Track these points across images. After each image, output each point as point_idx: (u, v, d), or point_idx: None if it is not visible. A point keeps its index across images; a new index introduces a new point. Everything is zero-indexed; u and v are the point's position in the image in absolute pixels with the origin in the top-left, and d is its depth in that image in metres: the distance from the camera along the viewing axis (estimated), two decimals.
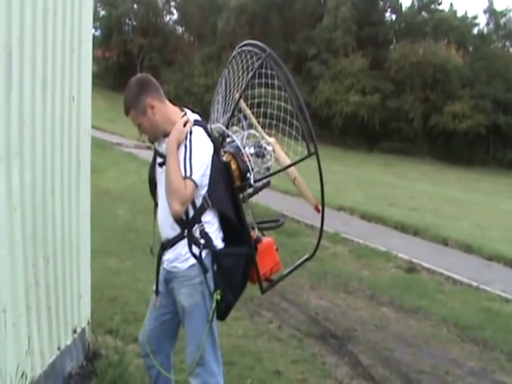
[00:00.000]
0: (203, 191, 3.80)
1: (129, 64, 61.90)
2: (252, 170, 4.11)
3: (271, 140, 4.36)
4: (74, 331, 5.00)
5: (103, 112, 39.96)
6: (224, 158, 4.06)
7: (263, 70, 4.32)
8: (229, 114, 4.45)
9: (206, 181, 3.78)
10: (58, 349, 4.60)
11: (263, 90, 4.39)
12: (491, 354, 7.38)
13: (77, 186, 5.03)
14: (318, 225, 4.38)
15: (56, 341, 4.56)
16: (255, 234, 4.20)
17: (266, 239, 4.26)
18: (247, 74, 4.46)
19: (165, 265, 4.01)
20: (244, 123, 4.37)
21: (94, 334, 5.52)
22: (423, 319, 8.34)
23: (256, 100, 4.50)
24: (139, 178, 17.12)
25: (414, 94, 58.70)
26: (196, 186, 3.69)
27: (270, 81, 4.33)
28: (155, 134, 3.91)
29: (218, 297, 3.83)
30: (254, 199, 4.53)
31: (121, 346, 5.72)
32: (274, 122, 4.37)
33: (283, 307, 8.10)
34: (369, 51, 61.37)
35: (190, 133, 3.79)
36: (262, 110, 4.45)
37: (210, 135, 3.91)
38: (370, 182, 27.79)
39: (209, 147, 3.83)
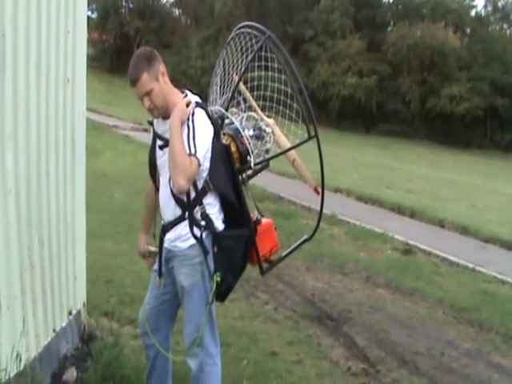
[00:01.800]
0: (205, 174, 3.80)
1: (125, 47, 61.51)
2: (252, 152, 4.12)
3: (270, 122, 4.36)
4: (70, 313, 5.01)
5: (100, 95, 39.86)
6: (223, 141, 4.06)
7: (262, 53, 4.31)
8: (228, 95, 4.44)
9: (207, 163, 3.77)
10: (54, 331, 4.61)
11: (263, 72, 4.38)
12: (487, 336, 7.41)
13: (72, 168, 5.02)
14: (315, 207, 4.42)
15: (51, 323, 4.57)
16: (254, 215, 4.21)
17: (265, 220, 4.27)
18: (246, 56, 4.44)
19: (166, 244, 4.01)
20: (243, 105, 4.35)
21: (89, 316, 5.54)
22: (419, 301, 8.37)
23: (256, 83, 4.49)
24: (135, 160, 17.13)
25: (412, 77, 58.55)
26: (199, 164, 3.68)
27: (269, 63, 4.31)
28: (162, 105, 3.81)
29: (218, 279, 3.84)
30: (250, 181, 4.53)
31: (116, 328, 5.75)
32: (274, 104, 4.35)
33: (279, 289, 8.13)
34: (366, 33, 61.13)
35: (192, 114, 3.77)
36: (261, 92, 4.44)
37: (210, 118, 3.90)
38: (367, 164, 27.76)
39: (210, 129, 3.82)
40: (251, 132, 4.17)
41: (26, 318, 4.01)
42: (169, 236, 3.96)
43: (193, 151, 3.65)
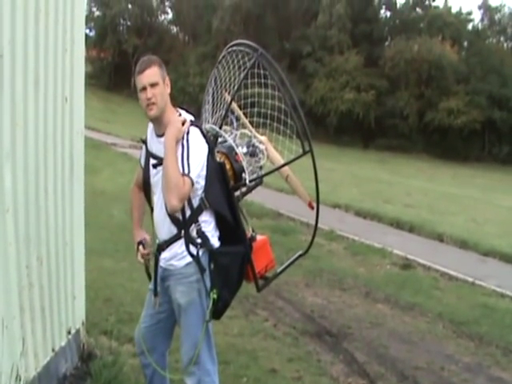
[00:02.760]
0: (200, 192, 3.81)
1: (123, 64, 61.71)
2: (246, 169, 4.13)
3: (263, 138, 4.37)
4: (69, 332, 4.99)
5: (98, 112, 39.94)
6: (218, 159, 4.07)
7: (255, 70, 4.32)
8: (222, 113, 4.46)
9: (201, 182, 3.79)
10: (53, 350, 4.59)
11: (256, 89, 4.39)
12: (487, 350, 7.39)
13: (70, 187, 5.02)
14: (314, 222, 4.37)
15: (50, 342, 4.55)
16: (249, 232, 4.22)
17: (260, 237, 4.29)
18: (238, 74, 4.46)
19: (161, 263, 4.01)
20: (235, 124, 4.37)
21: (88, 335, 5.51)
22: (419, 315, 8.36)
23: (249, 100, 4.50)
24: (134, 178, 17.12)
25: (409, 91, 58.76)
26: (193, 183, 3.69)
27: (262, 80, 4.33)
28: (160, 106, 3.82)
29: (215, 296, 3.84)
30: (248, 197, 4.53)
31: (115, 346, 5.72)
32: (268, 121, 4.37)
33: (278, 305, 8.11)
34: (364, 48, 61.38)
35: (187, 133, 3.79)
36: (255, 109, 4.45)
37: (205, 136, 3.91)
38: (365, 179, 27.82)
39: (205, 148, 3.84)
40: (245, 149, 4.20)
41: (25, 337, 4.00)
42: (164, 255, 3.97)
43: (186, 171, 3.66)
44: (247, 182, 4.13)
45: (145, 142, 4.06)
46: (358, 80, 59.56)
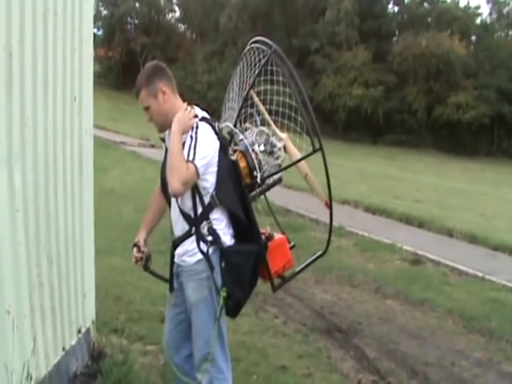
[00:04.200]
0: (211, 189, 3.85)
1: (132, 63, 61.80)
2: (260, 167, 4.11)
3: (284, 136, 4.35)
4: (79, 331, 5.02)
5: (107, 111, 40.02)
6: (234, 157, 4.10)
7: (269, 67, 4.32)
8: (237, 109, 4.47)
9: (211, 178, 3.83)
10: (63, 349, 4.62)
11: (268, 86, 4.38)
12: (497, 345, 7.38)
13: (80, 186, 5.05)
14: (323, 219, 4.42)
15: (61, 341, 4.57)
16: (267, 231, 4.22)
17: (279, 236, 4.28)
18: (253, 71, 4.46)
19: (175, 259, 4.05)
20: (257, 118, 4.34)
21: (98, 334, 5.54)
22: (429, 311, 8.35)
23: (262, 97, 4.49)
24: (143, 176, 17.17)
25: (418, 86, 58.59)
26: (197, 172, 3.71)
27: (274, 77, 4.32)
28: (161, 122, 3.95)
29: (225, 294, 3.84)
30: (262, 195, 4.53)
31: (126, 344, 5.73)
32: (280, 118, 4.36)
33: (288, 302, 8.12)
34: (372, 44, 61.26)
35: (197, 127, 3.83)
36: (268, 106, 4.45)
37: (217, 133, 3.94)
38: (374, 175, 27.76)
39: (215, 143, 3.86)
40: (262, 147, 4.16)
41: (36, 336, 4.02)
42: (178, 251, 4.00)
43: (191, 158, 3.70)
44: (258, 180, 4.10)
45: (164, 140, 4.11)
46: (367, 76, 59.45)
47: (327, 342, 6.86)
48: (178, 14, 76.69)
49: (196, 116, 3.90)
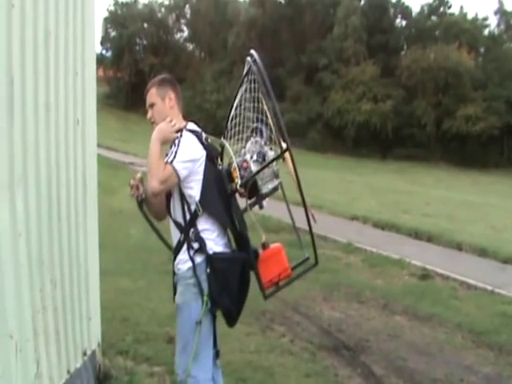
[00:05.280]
0: (197, 198, 3.96)
1: (140, 83, 61.95)
2: (242, 177, 4.06)
3: (284, 146, 4.24)
4: (84, 353, 5.03)
5: (116, 132, 40.28)
6: (220, 166, 4.18)
7: (250, 77, 4.28)
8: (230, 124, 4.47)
9: (196, 186, 3.97)
10: (68, 372, 4.62)
11: (247, 95, 4.34)
12: (507, 359, 7.28)
13: (84, 208, 5.07)
14: (331, 236, 4.38)
15: (65, 364, 4.58)
16: (263, 238, 4.23)
17: (274, 244, 4.26)
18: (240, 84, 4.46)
19: (174, 268, 4.17)
20: (264, 134, 4.24)
21: (104, 355, 5.55)
22: (437, 326, 8.27)
23: (244, 105, 4.40)
24: None
25: (426, 99, 58.67)
26: (177, 173, 3.88)
27: (254, 85, 4.26)
28: (158, 123, 4.12)
29: (206, 298, 3.91)
30: (266, 212, 4.51)
31: (132, 366, 5.73)
32: (255, 124, 4.27)
33: (296, 320, 8.09)
34: (380, 58, 61.48)
35: (181, 136, 4.01)
36: (251, 114, 4.36)
37: (203, 143, 4.07)
38: (384, 190, 27.70)
39: (198, 151, 4.01)
40: (254, 157, 4.13)
41: (40, 360, 4.03)
42: (175, 261, 4.12)
43: (170, 160, 3.88)
44: (238, 186, 4.06)
45: None
46: (375, 90, 59.62)
47: (334, 360, 6.82)
48: (186, 33, 77.44)
49: (180, 130, 4.04)
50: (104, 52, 72.03)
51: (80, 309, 4.96)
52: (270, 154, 4.16)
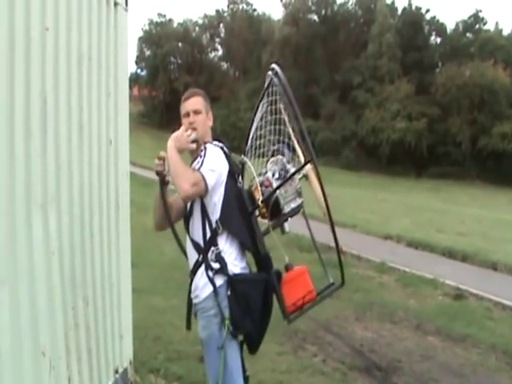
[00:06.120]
0: (218, 212, 3.88)
1: (175, 102, 62.04)
2: (263, 193, 4.02)
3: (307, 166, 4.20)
4: (116, 371, 5.07)
5: (150, 151, 40.22)
6: (253, 188, 4.11)
7: (271, 89, 4.29)
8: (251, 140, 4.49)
9: (217, 198, 3.88)
10: None
11: (269, 107, 4.34)
12: None
13: (116, 227, 5.13)
14: (365, 255, 4.31)
15: (97, 381, 4.61)
16: (287, 260, 4.14)
17: (298, 267, 4.15)
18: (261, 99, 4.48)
19: (192, 295, 4.06)
20: (286, 152, 4.21)
21: (136, 374, 5.58)
22: (471, 347, 8.17)
23: (264, 120, 4.41)
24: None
25: (462, 117, 58.21)
26: (205, 180, 3.79)
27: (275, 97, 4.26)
28: (200, 132, 4.05)
29: (227, 322, 3.79)
30: (299, 231, 4.45)
31: None
32: (279, 146, 4.27)
33: (328, 340, 8.05)
34: (414, 76, 61.25)
35: (205, 148, 3.97)
36: (272, 132, 4.34)
37: (227, 156, 4.03)
38: (418, 209, 27.50)
39: (224, 163, 3.96)
40: (276, 175, 4.09)
41: (72, 377, 4.07)
42: (192, 287, 4.02)
43: (197, 167, 3.83)
44: (259, 202, 4.01)
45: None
46: (410, 108, 59.33)
47: (366, 381, 6.77)
48: (220, 52, 77.92)
49: (195, 141, 3.99)
50: (139, 71, 72.94)
51: (112, 327, 5.00)
52: (292, 170, 4.10)
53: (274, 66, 4.26)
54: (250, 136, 4.47)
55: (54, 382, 3.78)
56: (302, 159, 4.10)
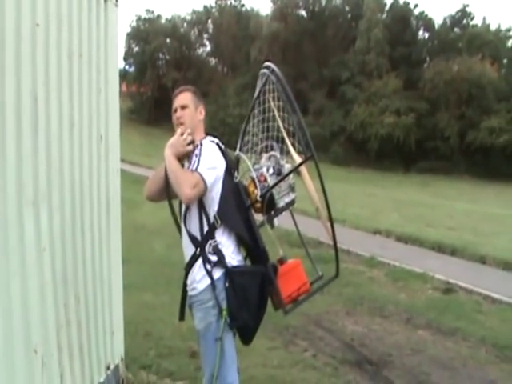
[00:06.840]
0: (216, 207, 3.90)
1: (163, 98, 62.44)
2: (260, 188, 4.07)
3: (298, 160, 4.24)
4: (108, 368, 5.06)
5: (139, 147, 40.47)
6: (246, 183, 4.15)
7: (267, 87, 4.30)
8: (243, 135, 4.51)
9: (216, 197, 3.90)
10: None
11: (266, 105, 4.36)
12: None
13: (107, 225, 5.12)
14: (354, 250, 4.35)
15: (89, 378, 4.61)
16: (281, 253, 4.21)
17: (293, 259, 4.23)
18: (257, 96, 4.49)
19: (187, 289, 4.08)
20: (277, 148, 4.25)
21: (128, 370, 5.58)
22: (461, 341, 8.20)
23: (261, 117, 4.44)
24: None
25: (450, 112, 58.41)
26: (203, 179, 3.80)
27: (273, 95, 4.28)
28: (187, 126, 4.07)
29: (224, 313, 3.84)
30: (288, 226, 4.49)
31: (155, 380, 5.75)
32: (276, 133, 4.30)
33: (319, 335, 8.06)
34: (402, 71, 61.39)
35: (201, 144, 3.98)
36: (268, 124, 4.38)
37: (223, 152, 4.05)
38: (407, 203, 27.59)
39: (220, 158, 3.98)
40: (271, 170, 4.14)
41: (63, 374, 4.07)
42: (188, 280, 4.04)
43: (194, 168, 3.82)
44: (258, 197, 4.06)
45: None
46: (398, 103, 59.45)
47: (357, 375, 6.78)
48: (208, 48, 77.78)
49: (192, 143, 4.00)
50: (127, 67, 72.64)
51: (103, 323, 5.00)
52: (287, 167, 4.17)
53: (268, 63, 4.30)
54: (247, 131, 4.49)
55: (46, 379, 3.78)
56: (295, 155, 4.17)
